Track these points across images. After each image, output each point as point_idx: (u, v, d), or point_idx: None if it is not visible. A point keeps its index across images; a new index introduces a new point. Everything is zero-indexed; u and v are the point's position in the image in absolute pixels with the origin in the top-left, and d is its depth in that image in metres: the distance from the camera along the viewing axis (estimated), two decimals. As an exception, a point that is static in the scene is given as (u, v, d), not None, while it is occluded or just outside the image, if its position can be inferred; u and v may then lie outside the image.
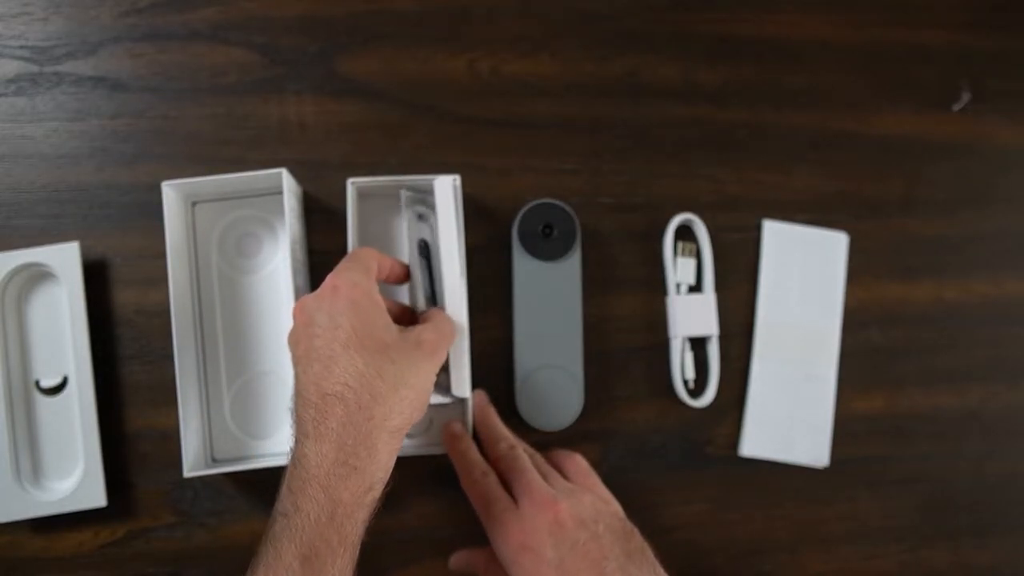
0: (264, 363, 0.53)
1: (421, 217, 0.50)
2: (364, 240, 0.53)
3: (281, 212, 0.52)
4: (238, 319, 0.53)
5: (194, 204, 0.53)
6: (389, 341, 0.41)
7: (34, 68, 0.54)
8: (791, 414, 0.57)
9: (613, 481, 0.51)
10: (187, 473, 0.48)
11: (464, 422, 0.51)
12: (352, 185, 0.51)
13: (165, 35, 0.55)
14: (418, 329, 0.44)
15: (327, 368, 0.40)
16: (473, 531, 0.46)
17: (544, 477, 0.47)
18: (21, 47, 0.54)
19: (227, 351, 0.53)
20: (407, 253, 0.51)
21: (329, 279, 0.43)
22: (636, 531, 0.46)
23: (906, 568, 0.58)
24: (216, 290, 0.53)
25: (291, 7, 0.56)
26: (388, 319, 0.43)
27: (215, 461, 0.52)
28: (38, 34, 0.54)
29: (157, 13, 0.55)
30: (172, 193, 0.50)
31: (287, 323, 0.52)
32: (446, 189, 0.50)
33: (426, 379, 0.42)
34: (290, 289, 0.51)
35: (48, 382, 0.52)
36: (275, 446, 0.53)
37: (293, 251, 0.50)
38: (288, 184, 0.50)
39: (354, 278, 0.43)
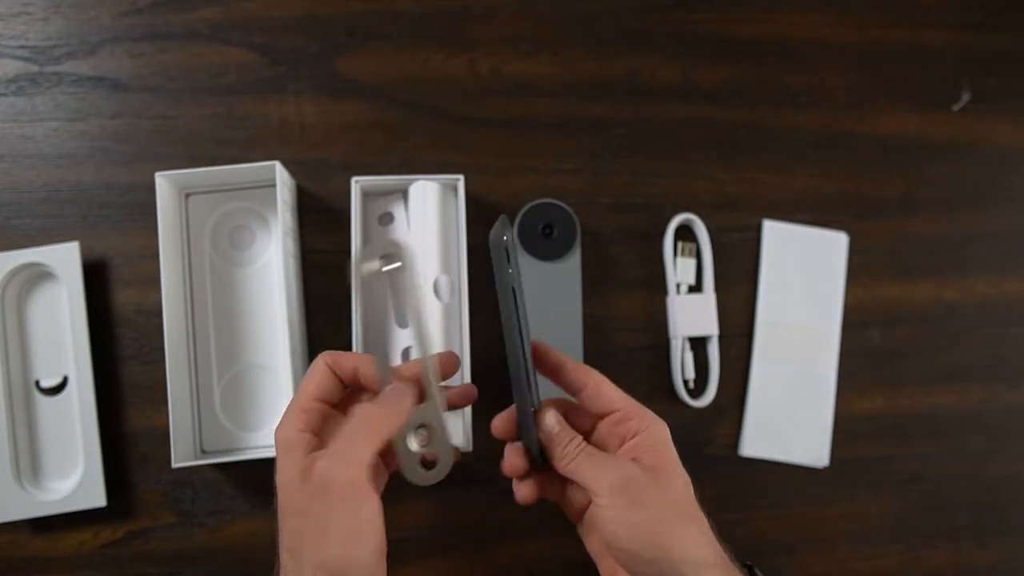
0: (255, 356, 0.53)
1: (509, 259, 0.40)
2: (367, 238, 0.53)
3: (275, 205, 0.52)
4: (230, 311, 0.53)
5: (187, 196, 0.54)
6: (293, 500, 0.37)
7: (34, 68, 0.54)
8: (791, 414, 0.57)
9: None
10: (175, 464, 0.48)
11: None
12: (356, 184, 0.51)
13: (165, 35, 0.55)
14: (320, 462, 0.36)
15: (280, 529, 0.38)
16: (473, 531, 0.46)
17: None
18: (21, 47, 0.54)
19: (218, 343, 0.53)
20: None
21: None
22: None
23: (906, 568, 0.58)
24: (208, 282, 0.53)
25: (291, 7, 0.56)
26: (298, 466, 0.36)
27: (204, 453, 0.52)
28: (38, 34, 0.54)
29: (157, 13, 0.55)
30: (165, 184, 0.50)
31: (279, 316, 0.53)
32: (419, 194, 0.51)
33: (332, 528, 0.35)
34: (282, 282, 0.51)
35: (48, 382, 0.52)
36: (265, 438, 0.53)
37: (285, 244, 0.50)
38: (281, 176, 0.50)
39: (276, 432, 0.39)
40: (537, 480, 0.43)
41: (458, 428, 0.50)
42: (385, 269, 0.40)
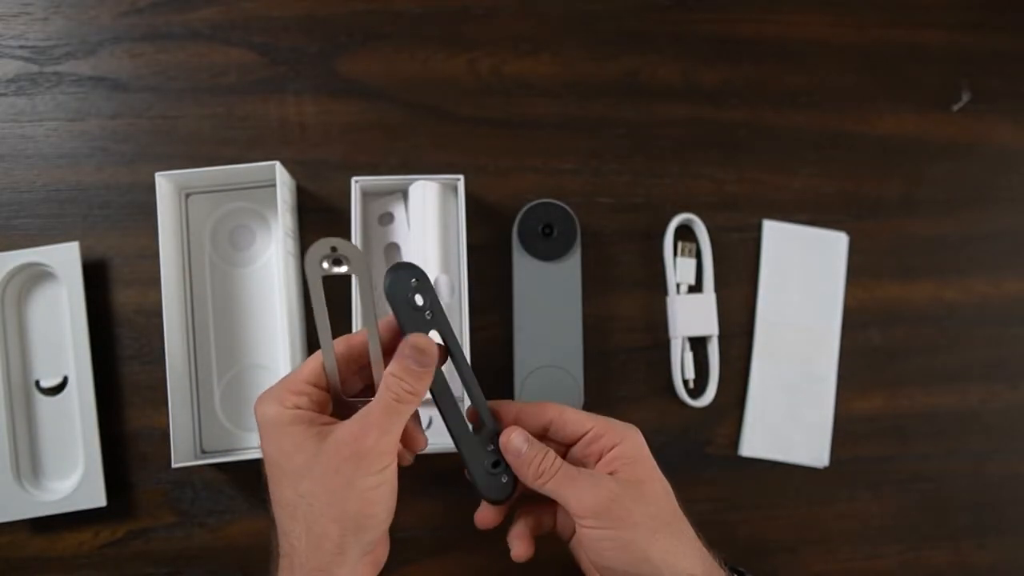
0: (255, 356, 0.53)
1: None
2: (366, 238, 0.53)
3: (275, 205, 0.52)
4: (230, 311, 0.53)
5: (187, 196, 0.54)
6: (300, 462, 0.37)
7: (34, 68, 0.54)
8: (791, 414, 0.57)
9: (613, 481, 0.50)
10: (175, 464, 0.48)
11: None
12: (356, 184, 0.51)
13: (165, 35, 0.55)
14: (339, 428, 0.38)
15: (271, 497, 0.40)
16: (473, 531, 0.46)
17: None
18: (21, 47, 0.54)
19: (218, 343, 0.53)
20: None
21: None
22: None
23: (906, 568, 0.58)
24: (208, 282, 0.53)
25: (291, 7, 0.56)
26: (298, 436, 0.38)
27: (204, 453, 0.52)
28: (38, 34, 0.54)
29: (157, 13, 0.55)
30: (165, 184, 0.50)
31: (278, 316, 0.53)
32: (419, 194, 0.51)
33: (356, 487, 0.37)
34: (282, 282, 0.51)
35: (48, 382, 0.52)
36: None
37: (285, 244, 0.50)
38: (281, 176, 0.50)
39: (261, 409, 0.39)
40: (526, 516, 0.44)
41: None
42: (334, 272, 0.36)
